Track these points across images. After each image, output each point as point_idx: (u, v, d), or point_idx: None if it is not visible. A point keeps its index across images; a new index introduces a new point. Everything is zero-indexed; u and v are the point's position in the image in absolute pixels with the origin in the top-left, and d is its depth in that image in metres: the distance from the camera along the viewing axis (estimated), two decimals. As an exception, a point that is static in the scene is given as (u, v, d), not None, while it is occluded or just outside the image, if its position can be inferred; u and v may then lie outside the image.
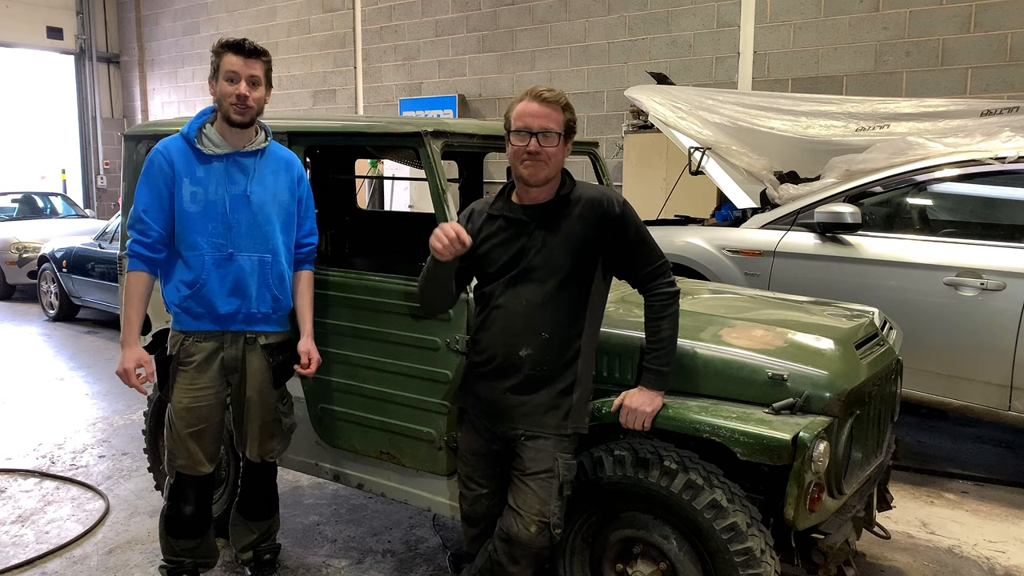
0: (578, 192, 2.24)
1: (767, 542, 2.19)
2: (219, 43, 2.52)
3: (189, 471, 2.67)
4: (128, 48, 15.06)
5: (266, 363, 2.69)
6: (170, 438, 2.67)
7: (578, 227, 2.21)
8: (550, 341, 2.21)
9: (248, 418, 2.73)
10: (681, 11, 8.25)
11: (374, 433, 2.90)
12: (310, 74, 11.93)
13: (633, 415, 2.23)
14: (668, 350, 2.26)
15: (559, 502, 2.20)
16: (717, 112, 5.56)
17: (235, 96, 2.48)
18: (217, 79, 2.51)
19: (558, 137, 2.16)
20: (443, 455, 2.72)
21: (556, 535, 2.21)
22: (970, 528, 3.55)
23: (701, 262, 4.68)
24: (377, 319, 2.81)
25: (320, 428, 3.05)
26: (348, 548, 3.34)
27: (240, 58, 2.49)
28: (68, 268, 8.09)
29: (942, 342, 3.91)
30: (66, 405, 5.41)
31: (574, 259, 2.20)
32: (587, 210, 2.21)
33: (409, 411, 2.79)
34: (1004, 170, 3.98)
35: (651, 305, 2.27)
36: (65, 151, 14.99)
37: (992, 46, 6.64)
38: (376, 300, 2.80)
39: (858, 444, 2.48)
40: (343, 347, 2.91)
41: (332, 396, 2.99)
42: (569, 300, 2.22)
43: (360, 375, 2.89)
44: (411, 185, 10.20)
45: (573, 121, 2.22)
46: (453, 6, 10.13)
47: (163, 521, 2.75)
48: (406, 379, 2.77)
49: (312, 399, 3.04)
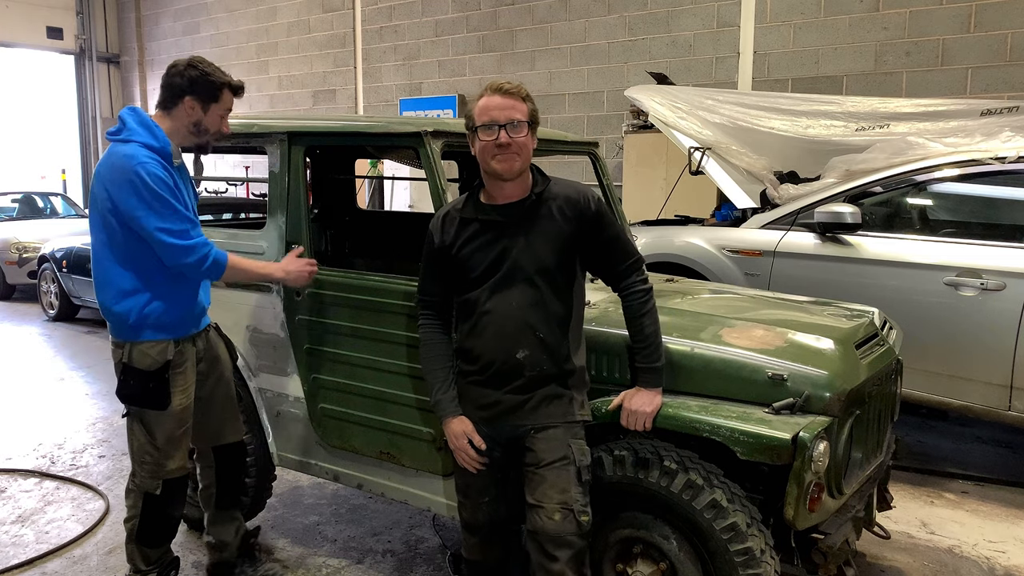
0: (553, 189, 2.22)
1: (767, 542, 2.19)
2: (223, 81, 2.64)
3: (180, 472, 2.71)
4: (128, 48, 15.06)
5: (224, 343, 2.92)
6: (151, 448, 2.64)
7: (558, 224, 2.18)
8: (545, 340, 2.19)
9: (223, 403, 2.89)
10: (681, 11, 8.25)
11: (374, 433, 2.90)
12: (310, 74, 11.93)
13: (634, 416, 2.23)
14: (655, 345, 2.26)
15: (579, 488, 2.17)
16: (717, 112, 5.56)
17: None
18: None
19: (525, 126, 2.14)
20: (443, 455, 2.71)
21: (584, 523, 2.16)
22: (970, 528, 3.55)
23: (701, 262, 4.68)
24: (377, 319, 2.80)
25: (320, 428, 3.05)
26: (348, 548, 3.34)
27: (235, 98, 2.70)
28: (68, 268, 8.09)
29: (942, 342, 3.91)
30: (66, 405, 5.41)
31: (558, 257, 2.19)
32: (565, 207, 2.19)
33: (409, 411, 2.79)
34: (1004, 170, 3.98)
35: (629, 305, 2.26)
36: (65, 151, 14.99)
37: (992, 46, 6.64)
38: (376, 300, 2.80)
39: (858, 444, 2.47)
40: (343, 347, 2.91)
41: (332, 396, 2.98)
42: (558, 298, 2.21)
43: (360, 375, 2.88)
44: (411, 185, 10.21)
45: (535, 111, 2.19)
46: (453, 6, 10.13)
47: (137, 535, 2.72)
48: (407, 379, 2.77)
49: (312, 400, 3.04)
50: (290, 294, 2.99)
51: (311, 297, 2.95)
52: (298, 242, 2.91)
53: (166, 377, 2.59)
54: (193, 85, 2.56)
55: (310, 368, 3.01)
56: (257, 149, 3.16)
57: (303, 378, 3.04)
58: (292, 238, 2.94)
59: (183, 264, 2.49)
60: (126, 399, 2.61)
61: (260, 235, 3.05)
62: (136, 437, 2.65)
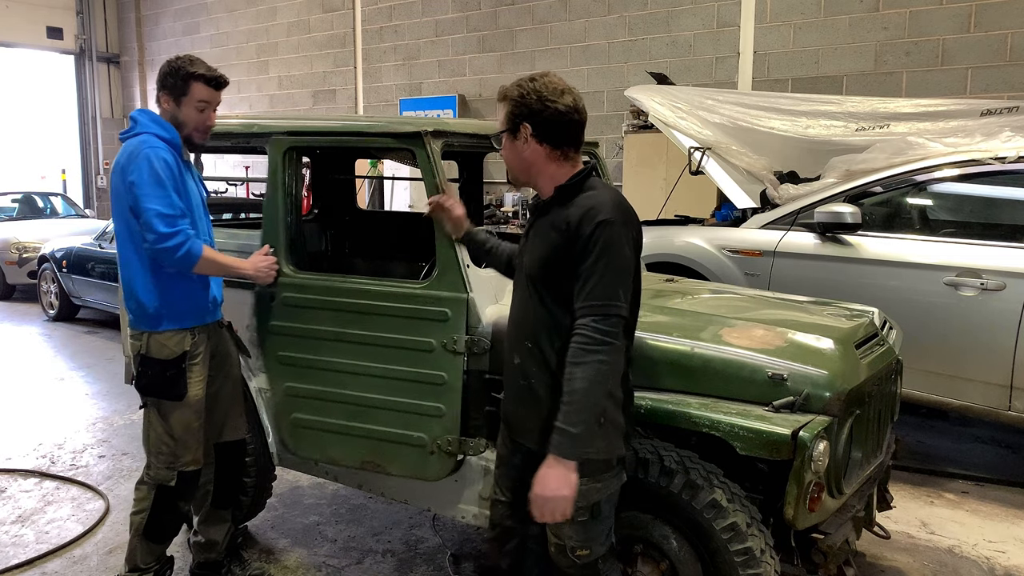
0: (576, 198, 1.96)
1: (767, 542, 2.20)
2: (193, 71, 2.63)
3: (194, 466, 2.73)
4: (128, 48, 15.06)
5: (235, 341, 2.92)
6: (168, 439, 2.66)
7: (552, 237, 1.95)
8: (533, 351, 2.01)
9: (229, 399, 2.88)
10: (681, 11, 8.25)
11: (356, 442, 2.79)
12: (310, 74, 11.93)
13: (549, 506, 1.87)
14: (577, 406, 1.84)
15: (572, 525, 1.97)
16: (717, 112, 5.56)
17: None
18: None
19: (503, 138, 2.03)
20: (435, 460, 2.64)
21: (581, 556, 2.01)
22: (970, 528, 3.55)
23: (701, 262, 4.68)
24: (363, 323, 2.72)
25: (292, 439, 2.93)
26: (348, 548, 3.34)
27: (212, 90, 2.66)
28: (68, 268, 8.09)
29: (942, 342, 3.91)
30: (66, 405, 5.41)
31: (543, 269, 1.97)
32: (567, 220, 1.93)
33: (397, 416, 2.69)
34: (1004, 170, 3.98)
35: (570, 348, 1.88)
36: (65, 151, 15.00)
37: (992, 46, 6.64)
38: (362, 303, 2.72)
39: (858, 444, 2.47)
40: (321, 353, 2.81)
41: (306, 405, 2.87)
42: (547, 311, 1.98)
43: (340, 381, 2.78)
44: (411, 185, 10.20)
45: (517, 106, 1.99)
46: (453, 6, 10.13)
47: (144, 530, 2.73)
48: (395, 383, 2.68)
49: (282, 410, 2.92)
50: (262, 299, 2.92)
51: (285, 303, 2.87)
52: (276, 245, 2.89)
53: (184, 367, 2.63)
54: (163, 80, 2.63)
55: (282, 377, 2.91)
56: (257, 149, 3.16)
57: (273, 388, 2.94)
58: (270, 240, 2.91)
59: (159, 248, 2.50)
60: (144, 390, 2.64)
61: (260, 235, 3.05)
62: (153, 428, 2.67)
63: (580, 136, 2.04)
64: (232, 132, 3.12)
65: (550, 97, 1.99)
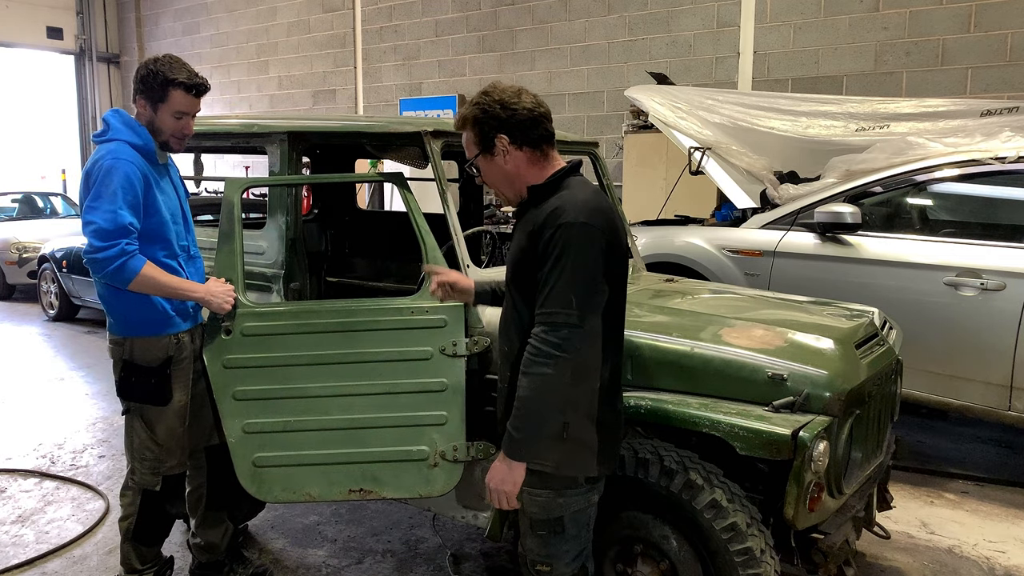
0: (553, 198, 1.91)
1: (767, 542, 2.20)
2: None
3: (179, 469, 2.72)
4: (128, 48, 15.06)
5: None
6: (152, 445, 2.64)
7: (522, 237, 1.93)
8: (508, 355, 2.00)
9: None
10: (681, 11, 8.25)
11: (341, 471, 2.58)
12: (310, 74, 11.93)
13: (494, 495, 1.94)
14: (520, 412, 1.85)
15: (534, 538, 1.99)
16: (717, 112, 5.56)
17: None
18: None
19: (479, 161, 2.01)
20: (440, 472, 2.53)
21: (538, 572, 2.01)
22: (970, 528, 3.55)
23: (701, 262, 4.68)
24: (347, 342, 2.53)
25: (254, 484, 2.63)
26: (348, 548, 3.34)
27: (192, 98, 2.55)
28: (68, 268, 8.09)
29: (942, 342, 3.91)
30: (66, 405, 5.41)
31: (514, 273, 1.97)
32: (535, 219, 1.89)
33: (393, 433, 2.54)
34: (1004, 170, 3.98)
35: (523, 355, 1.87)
36: (65, 151, 14.99)
37: (992, 46, 6.64)
38: (347, 322, 2.54)
39: (858, 444, 2.48)
40: (293, 381, 2.56)
41: (272, 442, 2.59)
42: (518, 314, 1.96)
43: (319, 408, 2.56)
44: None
45: (482, 129, 1.96)
46: (453, 6, 10.13)
47: (134, 533, 2.71)
48: (389, 398, 2.53)
49: (240, 453, 2.62)
50: (215, 333, 2.61)
51: (245, 333, 2.60)
52: (233, 276, 2.69)
53: (168, 372, 2.60)
54: (142, 83, 2.51)
55: (239, 415, 2.61)
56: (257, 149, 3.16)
57: (229, 429, 2.61)
58: (222, 272, 2.67)
59: (89, 260, 2.38)
60: (127, 396, 2.61)
61: (260, 235, 3.05)
62: (137, 434, 2.65)
63: (551, 129, 2.02)
64: (232, 132, 3.12)
65: (511, 102, 1.96)
